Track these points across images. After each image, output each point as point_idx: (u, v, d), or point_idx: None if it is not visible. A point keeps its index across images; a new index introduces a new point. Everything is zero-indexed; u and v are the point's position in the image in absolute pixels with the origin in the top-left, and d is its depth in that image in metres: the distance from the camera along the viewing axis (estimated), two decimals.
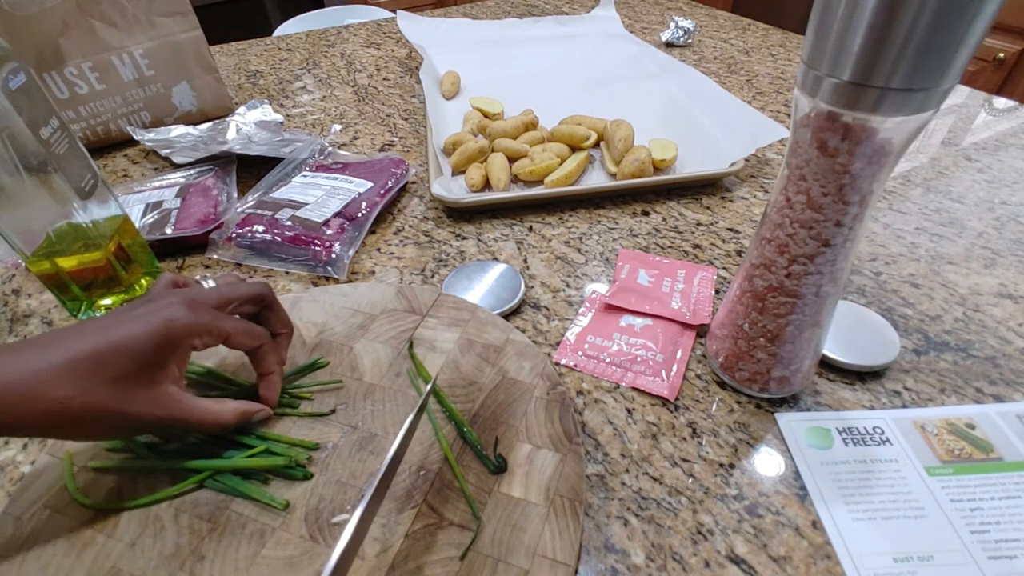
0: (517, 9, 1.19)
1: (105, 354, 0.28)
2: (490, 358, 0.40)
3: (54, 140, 0.39)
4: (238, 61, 0.97)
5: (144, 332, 0.29)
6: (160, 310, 0.30)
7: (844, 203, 0.29)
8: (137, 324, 0.29)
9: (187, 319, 0.30)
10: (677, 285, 0.48)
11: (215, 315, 0.32)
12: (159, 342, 0.29)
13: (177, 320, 0.30)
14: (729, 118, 0.66)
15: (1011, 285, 0.48)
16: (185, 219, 0.53)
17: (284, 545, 0.30)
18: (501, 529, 0.31)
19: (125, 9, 0.65)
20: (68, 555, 0.30)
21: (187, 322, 0.30)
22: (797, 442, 0.36)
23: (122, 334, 0.29)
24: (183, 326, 0.30)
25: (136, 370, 0.29)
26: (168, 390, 0.31)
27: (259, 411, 0.35)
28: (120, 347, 0.28)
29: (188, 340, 0.31)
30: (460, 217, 0.58)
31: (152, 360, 0.30)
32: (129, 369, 0.29)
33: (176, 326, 0.30)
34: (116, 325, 0.29)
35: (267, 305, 0.36)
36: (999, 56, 1.47)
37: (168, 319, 0.30)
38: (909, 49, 0.22)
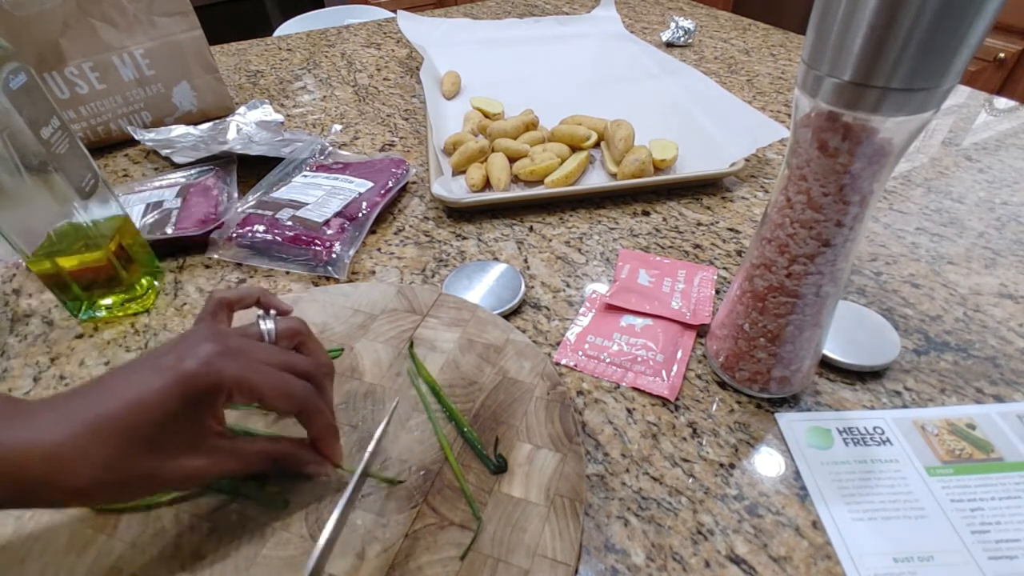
0: (517, 9, 1.19)
1: (128, 422, 0.25)
2: (490, 358, 0.40)
3: (55, 140, 0.39)
4: (238, 61, 0.97)
5: (166, 389, 0.25)
6: (185, 360, 0.26)
7: (844, 203, 0.29)
8: (159, 379, 0.25)
9: (213, 374, 0.26)
10: (677, 285, 0.48)
11: (249, 368, 0.27)
12: (186, 401, 0.26)
13: (202, 375, 0.26)
14: (729, 118, 0.66)
15: (1012, 285, 0.48)
16: (186, 219, 0.53)
17: (284, 545, 0.30)
18: (501, 529, 0.31)
19: (126, 9, 0.65)
20: (69, 554, 0.30)
21: (214, 378, 0.26)
22: (797, 442, 0.36)
23: (142, 394, 0.25)
24: (210, 383, 0.26)
25: (169, 435, 0.26)
26: (212, 444, 0.28)
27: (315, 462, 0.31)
28: (143, 410, 0.25)
29: (217, 395, 0.27)
30: (460, 217, 0.58)
31: (183, 422, 0.26)
32: (161, 435, 0.26)
33: (201, 382, 0.26)
34: (138, 382, 0.26)
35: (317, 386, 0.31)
36: (999, 56, 1.47)
37: (192, 373, 0.26)
38: (910, 49, 0.22)
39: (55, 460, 0.23)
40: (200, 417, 0.27)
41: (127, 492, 0.26)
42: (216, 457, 0.28)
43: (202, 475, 0.28)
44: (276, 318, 0.32)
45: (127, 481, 0.25)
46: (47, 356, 0.44)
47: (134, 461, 0.25)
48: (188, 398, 0.26)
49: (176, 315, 0.47)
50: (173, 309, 0.48)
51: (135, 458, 0.25)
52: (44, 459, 0.23)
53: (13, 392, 0.41)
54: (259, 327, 0.31)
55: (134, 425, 0.25)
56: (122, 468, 0.25)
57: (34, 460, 0.23)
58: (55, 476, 0.23)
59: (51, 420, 0.24)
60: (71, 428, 0.24)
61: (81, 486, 0.24)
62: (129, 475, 0.25)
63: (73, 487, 0.24)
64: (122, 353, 0.44)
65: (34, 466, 0.23)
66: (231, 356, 0.27)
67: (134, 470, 0.25)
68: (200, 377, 0.26)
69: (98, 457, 0.24)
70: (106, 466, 0.24)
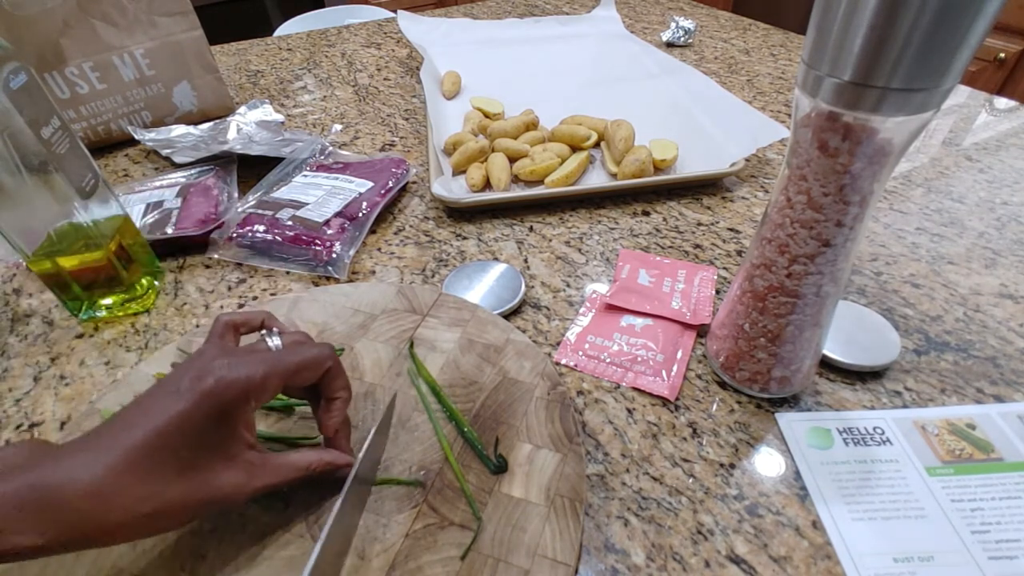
0: (518, 9, 1.19)
1: (160, 446, 0.25)
2: (490, 358, 0.40)
3: (55, 140, 0.39)
4: (239, 61, 0.97)
5: (193, 408, 0.25)
6: (202, 379, 0.26)
7: (845, 203, 0.29)
8: (182, 400, 0.25)
9: (235, 380, 0.26)
10: (678, 285, 0.48)
11: (261, 362, 0.28)
12: (212, 415, 0.26)
13: (223, 384, 0.26)
14: (730, 118, 0.65)
15: (1012, 285, 0.48)
16: (186, 219, 0.53)
17: (284, 545, 0.30)
18: (501, 529, 0.31)
19: (126, 9, 0.65)
20: (69, 555, 0.30)
21: (237, 384, 0.26)
22: (797, 442, 0.36)
23: (169, 416, 0.25)
24: (234, 390, 0.26)
25: (202, 453, 0.26)
26: (248, 458, 0.28)
27: (344, 462, 0.32)
28: (172, 433, 0.25)
29: (243, 402, 0.27)
30: (461, 217, 0.58)
31: (215, 437, 0.26)
32: (194, 455, 0.26)
33: (226, 391, 0.26)
34: (160, 405, 0.26)
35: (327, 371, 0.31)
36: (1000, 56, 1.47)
37: (212, 389, 0.26)
38: (910, 49, 0.22)
39: (95, 497, 0.23)
40: (231, 430, 0.27)
41: (171, 520, 0.26)
42: (252, 471, 0.28)
43: (242, 492, 0.27)
44: (281, 334, 0.32)
45: (169, 509, 0.25)
46: (47, 356, 0.44)
47: (171, 486, 0.25)
48: (213, 413, 0.26)
49: (176, 315, 0.47)
50: (173, 309, 0.48)
51: (171, 483, 0.25)
52: (85, 497, 0.23)
53: (14, 392, 0.41)
54: (266, 343, 0.31)
55: (164, 450, 0.25)
56: (161, 496, 0.25)
57: (76, 499, 0.23)
58: (98, 513, 0.23)
59: (85, 459, 0.24)
60: (106, 463, 0.24)
61: (124, 520, 0.24)
62: (170, 502, 0.25)
63: (117, 522, 0.24)
64: (122, 353, 0.44)
65: (77, 505, 0.23)
66: (244, 361, 0.27)
67: (173, 496, 0.25)
68: (220, 389, 0.26)
69: (136, 488, 0.24)
70: (146, 496, 0.24)
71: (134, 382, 0.39)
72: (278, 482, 0.29)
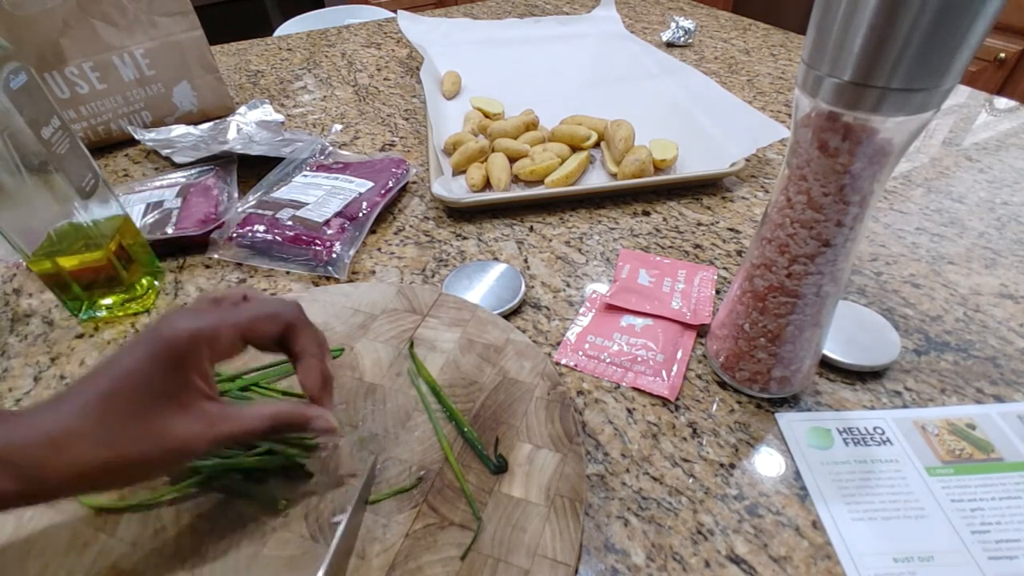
0: (518, 9, 1.19)
1: (114, 393, 0.26)
2: (490, 358, 0.40)
3: (55, 140, 0.39)
4: (239, 61, 0.97)
5: (145, 356, 0.26)
6: (157, 328, 0.27)
7: (845, 203, 0.29)
8: (137, 350, 0.26)
9: (185, 327, 0.27)
10: (678, 285, 0.48)
11: (215, 314, 0.28)
12: (164, 362, 0.26)
13: (174, 332, 0.27)
14: (730, 118, 0.65)
15: (1012, 285, 0.48)
16: (186, 219, 0.53)
17: (284, 545, 0.30)
18: (501, 529, 0.31)
19: (126, 9, 0.65)
20: (69, 554, 0.30)
21: (187, 332, 0.27)
22: (797, 442, 0.36)
23: (124, 366, 0.26)
24: (184, 337, 0.27)
25: (156, 400, 0.26)
26: (205, 408, 0.28)
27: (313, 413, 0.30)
28: (126, 380, 0.26)
29: (196, 350, 0.27)
30: (461, 217, 0.58)
31: (168, 385, 0.27)
32: (147, 401, 0.26)
33: (176, 338, 0.27)
34: (118, 359, 0.26)
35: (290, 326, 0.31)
36: (1000, 56, 1.47)
37: (164, 335, 0.27)
38: (910, 49, 0.22)
39: (55, 444, 0.24)
40: (184, 378, 0.27)
41: (132, 471, 0.27)
42: (211, 421, 0.28)
43: (201, 441, 0.27)
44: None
45: (126, 456, 0.26)
46: (47, 356, 0.44)
47: (125, 433, 0.25)
48: (168, 359, 0.26)
49: None
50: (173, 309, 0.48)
51: (125, 430, 0.26)
52: (46, 445, 0.24)
53: (14, 392, 0.41)
54: None
55: (121, 394, 0.26)
56: (115, 443, 0.25)
57: (36, 448, 0.24)
58: (58, 461, 0.24)
59: (45, 413, 0.25)
60: (67, 413, 0.25)
61: (85, 469, 0.25)
62: (125, 450, 0.25)
63: (78, 471, 0.24)
64: None
65: (36, 453, 0.24)
66: (205, 313, 0.28)
67: (128, 443, 0.26)
68: (171, 337, 0.27)
69: (96, 434, 0.25)
70: (105, 442, 0.25)
71: None
72: (240, 432, 0.28)
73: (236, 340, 0.29)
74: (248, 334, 0.29)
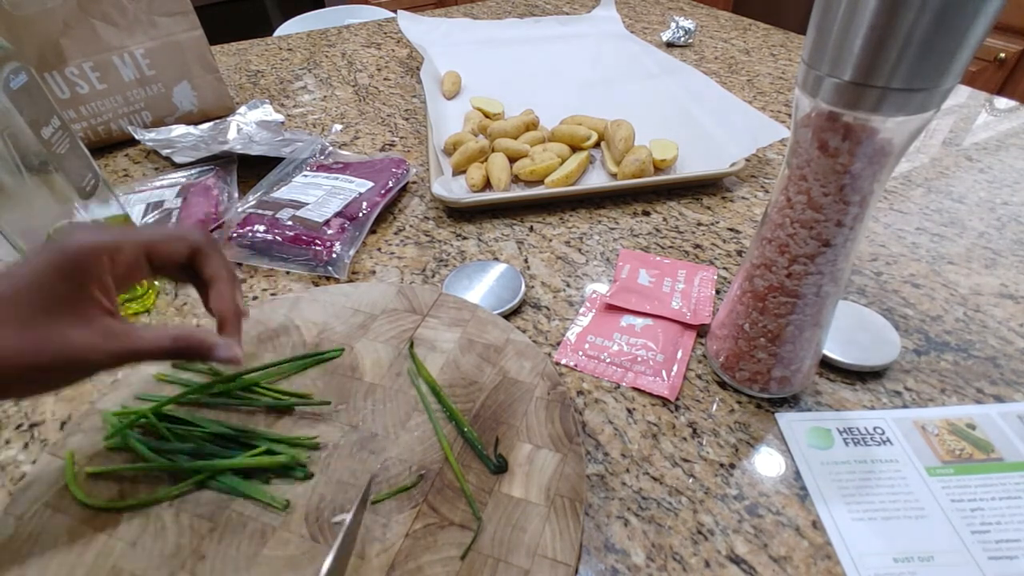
0: (518, 9, 1.19)
1: (9, 298, 0.26)
2: (491, 358, 0.40)
3: (55, 140, 0.39)
4: (239, 61, 0.97)
5: (42, 262, 0.27)
6: (57, 239, 0.28)
7: (845, 203, 0.29)
8: (36, 260, 0.27)
9: (86, 238, 0.27)
10: (678, 285, 0.48)
11: (120, 231, 0.29)
12: (61, 268, 0.27)
13: (74, 241, 0.27)
14: (730, 118, 0.66)
15: (1012, 285, 0.48)
16: (186, 219, 0.53)
17: (285, 545, 0.30)
18: (501, 529, 0.31)
19: (126, 9, 0.65)
20: (69, 554, 0.30)
21: (86, 241, 0.27)
22: (797, 442, 0.36)
23: (23, 273, 0.26)
24: (83, 246, 0.27)
25: (51, 306, 0.26)
26: (104, 322, 0.28)
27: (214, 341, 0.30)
28: (22, 286, 0.26)
29: (95, 260, 0.28)
30: (461, 217, 0.58)
31: (64, 291, 0.27)
32: (42, 306, 0.26)
33: (75, 246, 0.27)
34: (16, 267, 0.27)
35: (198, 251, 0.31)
36: (1000, 56, 1.47)
37: (63, 245, 0.27)
38: (910, 49, 0.22)
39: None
40: (81, 288, 0.27)
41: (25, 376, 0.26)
42: (108, 334, 0.27)
43: (95, 352, 0.27)
44: None
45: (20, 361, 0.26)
46: None
47: (25, 336, 0.26)
48: (67, 268, 0.27)
49: (176, 315, 0.47)
50: (173, 309, 0.48)
51: (25, 333, 0.26)
52: None
53: None
54: None
55: (17, 299, 0.26)
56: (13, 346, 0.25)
57: None
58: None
59: None
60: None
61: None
62: (17, 352, 0.25)
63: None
64: None
65: None
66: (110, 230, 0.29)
67: (26, 348, 0.26)
68: (71, 246, 0.27)
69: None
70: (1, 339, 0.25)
71: (134, 382, 0.39)
72: (139, 349, 0.28)
73: (139, 258, 0.29)
74: (153, 253, 0.30)
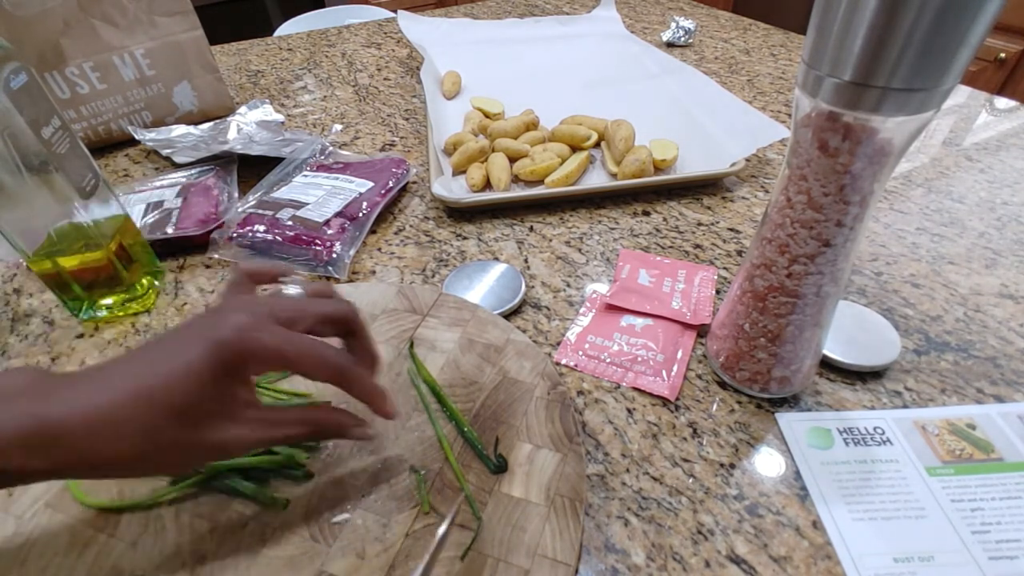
0: (518, 9, 1.19)
1: (165, 390, 0.25)
2: (491, 358, 0.40)
3: (55, 140, 0.39)
4: (239, 61, 0.97)
5: (200, 359, 0.25)
6: (217, 330, 0.26)
7: (845, 203, 0.29)
8: (189, 350, 0.26)
9: (244, 341, 0.26)
10: (678, 285, 0.48)
11: (279, 334, 0.27)
12: (216, 370, 0.26)
13: (233, 343, 0.26)
14: (730, 118, 0.65)
15: (1012, 285, 0.48)
16: (186, 219, 0.53)
17: (285, 544, 0.30)
18: (501, 529, 0.31)
19: (126, 9, 0.65)
20: (69, 554, 0.30)
21: (244, 346, 0.26)
22: (798, 442, 0.36)
23: (178, 364, 0.25)
24: (241, 350, 0.26)
25: (201, 406, 0.26)
26: (248, 414, 0.28)
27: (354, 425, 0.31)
28: (178, 379, 0.25)
29: (246, 364, 0.27)
30: (461, 217, 0.58)
31: (216, 390, 0.26)
32: (193, 401, 0.25)
33: (232, 351, 0.26)
34: (174, 353, 0.26)
35: (351, 331, 0.30)
36: (1000, 56, 1.47)
37: (222, 342, 0.26)
38: (910, 49, 0.22)
39: (95, 428, 0.24)
40: (231, 387, 0.27)
41: (168, 464, 0.27)
42: (252, 426, 0.28)
43: (240, 446, 0.27)
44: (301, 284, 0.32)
45: (166, 452, 0.26)
46: (48, 356, 0.44)
47: (171, 432, 0.25)
48: (220, 368, 0.26)
49: (177, 315, 0.47)
50: (174, 309, 0.48)
51: (172, 429, 0.25)
52: (84, 427, 0.24)
53: None
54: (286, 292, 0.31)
55: (170, 396, 0.25)
56: (160, 439, 0.25)
57: (75, 429, 0.24)
58: (95, 444, 0.24)
59: (90, 390, 0.25)
60: (111, 396, 0.24)
61: (120, 456, 0.25)
62: (168, 446, 0.25)
63: (113, 456, 0.24)
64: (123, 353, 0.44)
65: (75, 435, 0.24)
66: (262, 326, 0.27)
67: (172, 441, 0.25)
68: (232, 346, 0.26)
69: (137, 426, 0.24)
70: (145, 436, 0.25)
71: None
72: (281, 437, 0.29)
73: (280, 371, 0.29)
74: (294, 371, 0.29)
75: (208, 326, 0.26)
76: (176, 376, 0.25)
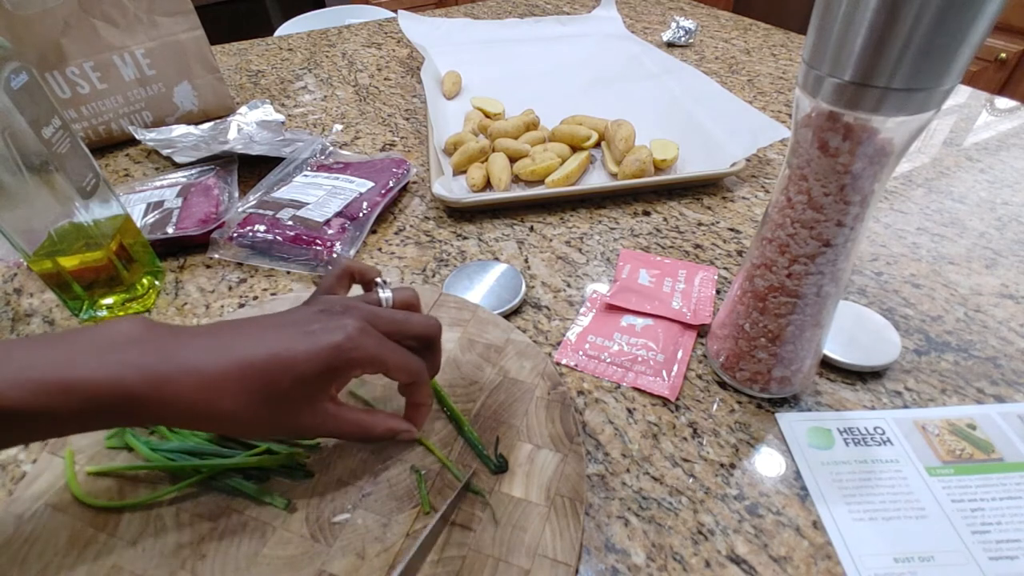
0: (518, 9, 1.19)
1: (272, 372, 0.27)
2: (491, 358, 0.40)
3: (56, 139, 0.39)
4: (239, 61, 0.97)
5: (312, 355, 0.28)
6: (332, 332, 0.28)
7: (845, 203, 0.29)
8: (307, 343, 0.28)
9: (356, 349, 0.29)
10: (678, 285, 0.48)
11: (382, 345, 0.30)
12: (324, 368, 0.28)
13: (346, 349, 0.28)
14: (730, 118, 0.65)
15: (1012, 285, 0.48)
16: (186, 219, 0.53)
17: (285, 544, 0.30)
18: (502, 529, 0.31)
19: (127, 9, 0.65)
20: (69, 553, 0.30)
21: (355, 353, 0.29)
22: (798, 442, 0.36)
23: (292, 353, 0.28)
24: (350, 358, 0.29)
25: (299, 390, 0.28)
26: (326, 407, 0.30)
27: (406, 430, 0.33)
28: (287, 367, 0.27)
29: (351, 369, 0.29)
30: (461, 217, 0.58)
31: (315, 384, 0.29)
32: (292, 389, 0.28)
33: (344, 356, 0.28)
34: (287, 339, 0.28)
35: (429, 346, 0.33)
36: (1001, 56, 1.47)
37: (337, 345, 0.28)
38: (910, 49, 0.22)
39: (205, 390, 0.26)
40: (328, 384, 0.29)
41: (249, 430, 0.29)
42: (324, 419, 0.30)
43: (310, 432, 0.30)
44: (391, 287, 0.34)
45: (253, 421, 0.28)
46: None
47: (264, 408, 0.28)
48: (328, 367, 0.28)
49: (177, 315, 0.47)
50: (174, 309, 0.48)
51: (265, 406, 0.28)
52: (197, 388, 0.26)
53: None
54: (378, 295, 0.33)
55: (274, 378, 0.27)
56: (254, 410, 0.28)
57: (189, 388, 0.26)
58: (202, 403, 0.26)
59: (206, 349, 0.27)
60: (224, 363, 0.27)
61: (219, 416, 0.27)
62: (256, 417, 0.28)
63: (214, 414, 0.27)
64: None
65: (178, 394, 0.26)
66: (369, 333, 0.29)
67: (261, 415, 0.28)
68: (345, 351, 0.28)
69: (239, 396, 0.27)
70: (244, 404, 0.27)
71: None
72: (343, 434, 0.32)
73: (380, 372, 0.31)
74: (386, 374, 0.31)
75: (323, 326, 0.29)
76: (282, 364, 0.27)
